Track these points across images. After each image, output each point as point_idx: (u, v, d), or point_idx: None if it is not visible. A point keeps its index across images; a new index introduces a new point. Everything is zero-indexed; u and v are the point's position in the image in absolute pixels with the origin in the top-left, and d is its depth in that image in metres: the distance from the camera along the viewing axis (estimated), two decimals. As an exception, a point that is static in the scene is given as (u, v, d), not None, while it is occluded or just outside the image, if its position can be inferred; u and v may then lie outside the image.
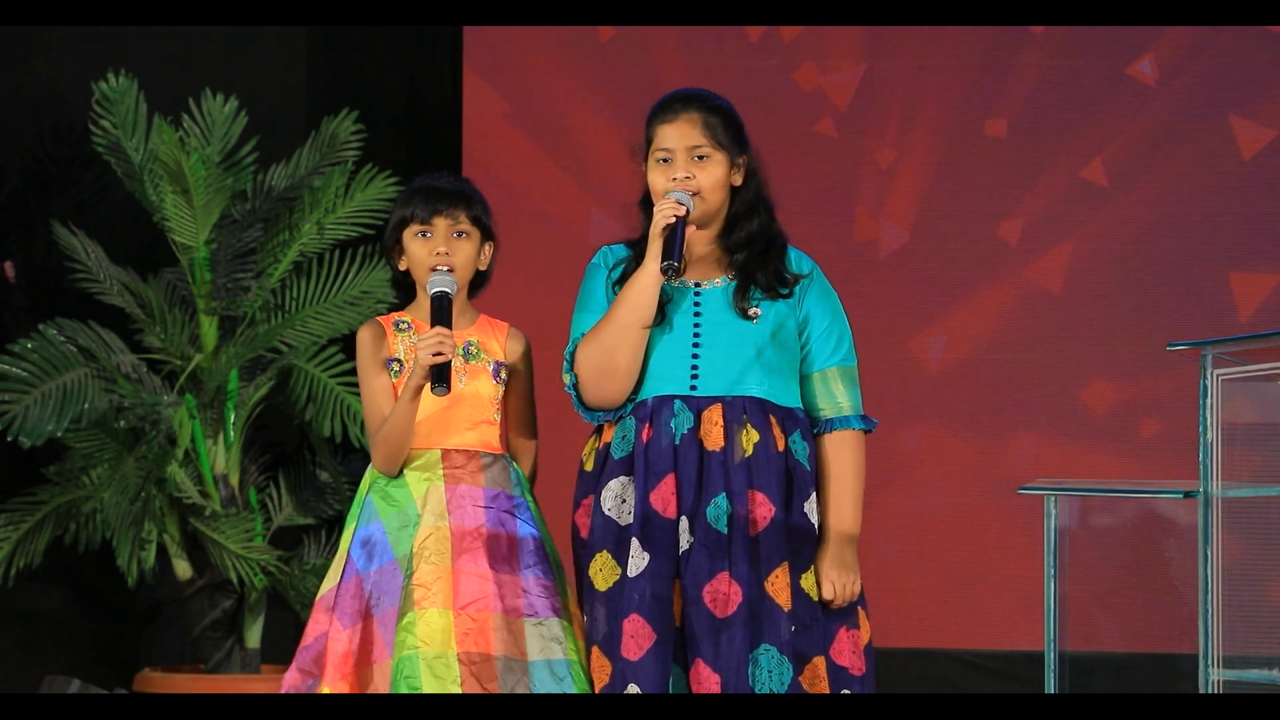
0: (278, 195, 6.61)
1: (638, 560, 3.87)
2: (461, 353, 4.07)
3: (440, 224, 4.08)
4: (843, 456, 4.00)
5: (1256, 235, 6.96)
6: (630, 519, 3.91)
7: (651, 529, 3.88)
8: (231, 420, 6.54)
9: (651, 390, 3.96)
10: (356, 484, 6.64)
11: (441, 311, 3.99)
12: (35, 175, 6.96)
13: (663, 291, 3.95)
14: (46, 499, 6.42)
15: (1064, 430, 6.97)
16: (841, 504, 3.98)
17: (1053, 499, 5.37)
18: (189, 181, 6.28)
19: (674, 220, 3.91)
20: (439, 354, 3.92)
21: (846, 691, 3.93)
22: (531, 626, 3.94)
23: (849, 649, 3.96)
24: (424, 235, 4.09)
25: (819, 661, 3.90)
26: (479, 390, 4.07)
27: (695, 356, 3.96)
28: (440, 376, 3.92)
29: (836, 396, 4.02)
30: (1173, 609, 6.13)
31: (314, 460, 6.82)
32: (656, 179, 4.02)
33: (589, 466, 4.03)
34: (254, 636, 6.57)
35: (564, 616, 3.98)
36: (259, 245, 6.60)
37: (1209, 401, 4.56)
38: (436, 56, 7.36)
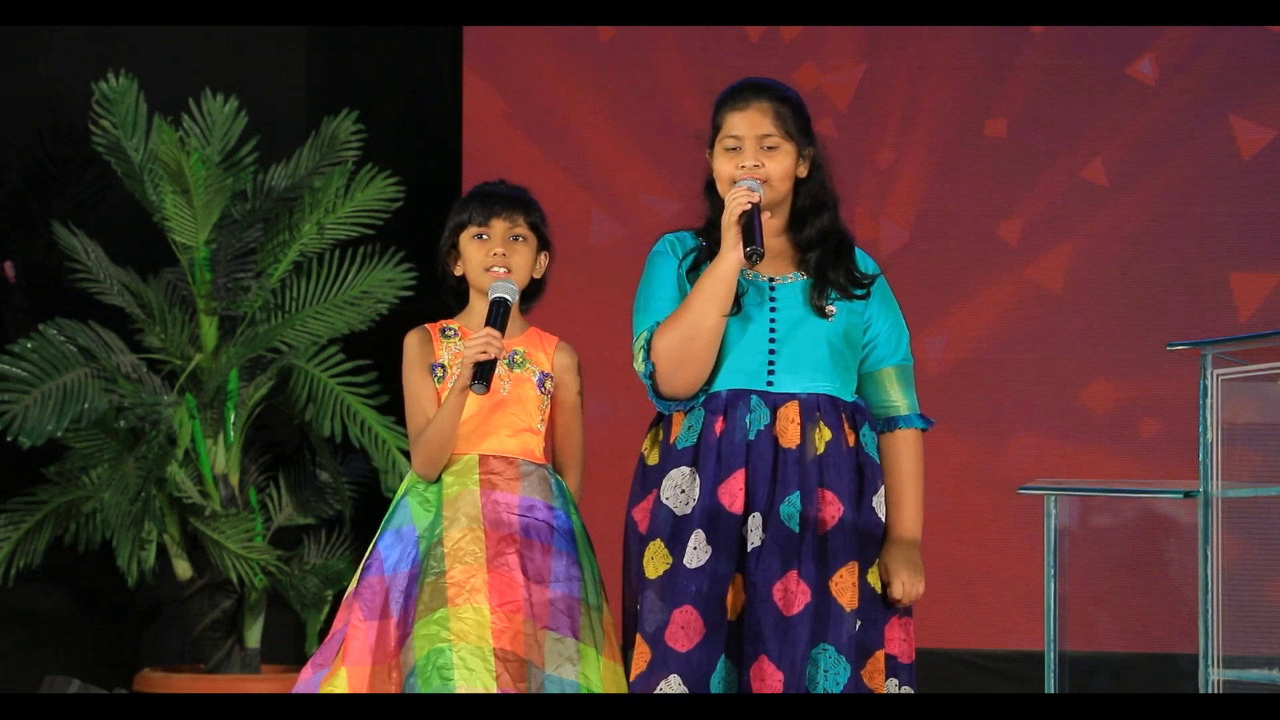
0: (278, 195, 6.61)
1: (700, 553, 3.86)
2: (507, 361, 4.06)
3: (498, 226, 4.09)
4: (907, 456, 4.04)
5: (1256, 235, 6.96)
6: (688, 510, 3.89)
7: (717, 523, 3.87)
8: (231, 420, 6.54)
9: (726, 383, 3.95)
10: (357, 484, 6.73)
11: (498, 316, 3.98)
12: (35, 175, 6.96)
13: (738, 284, 3.94)
14: (46, 499, 6.42)
15: (1064, 430, 6.97)
16: (907, 503, 4.03)
17: (1053, 499, 5.37)
18: (189, 181, 6.28)
19: (749, 207, 3.89)
20: (484, 353, 3.92)
21: (894, 680, 3.96)
22: (552, 641, 3.94)
23: (900, 636, 4.00)
24: (481, 238, 4.09)
25: (879, 655, 3.93)
26: (523, 398, 4.06)
27: (772, 352, 3.95)
28: (482, 375, 3.91)
29: (896, 396, 4.06)
30: (1173, 609, 6.13)
31: (314, 460, 6.82)
32: (724, 166, 4.00)
33: (652, 460, 4.01)
34: (254, 636, 6.57)
35: (584, 638, 3.97)
36: (259, 245, 6.60)
37: (1209, 401, 4.56)
38: (436, 56, 7.36)
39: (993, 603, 6.92)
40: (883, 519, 3.99)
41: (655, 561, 3.90)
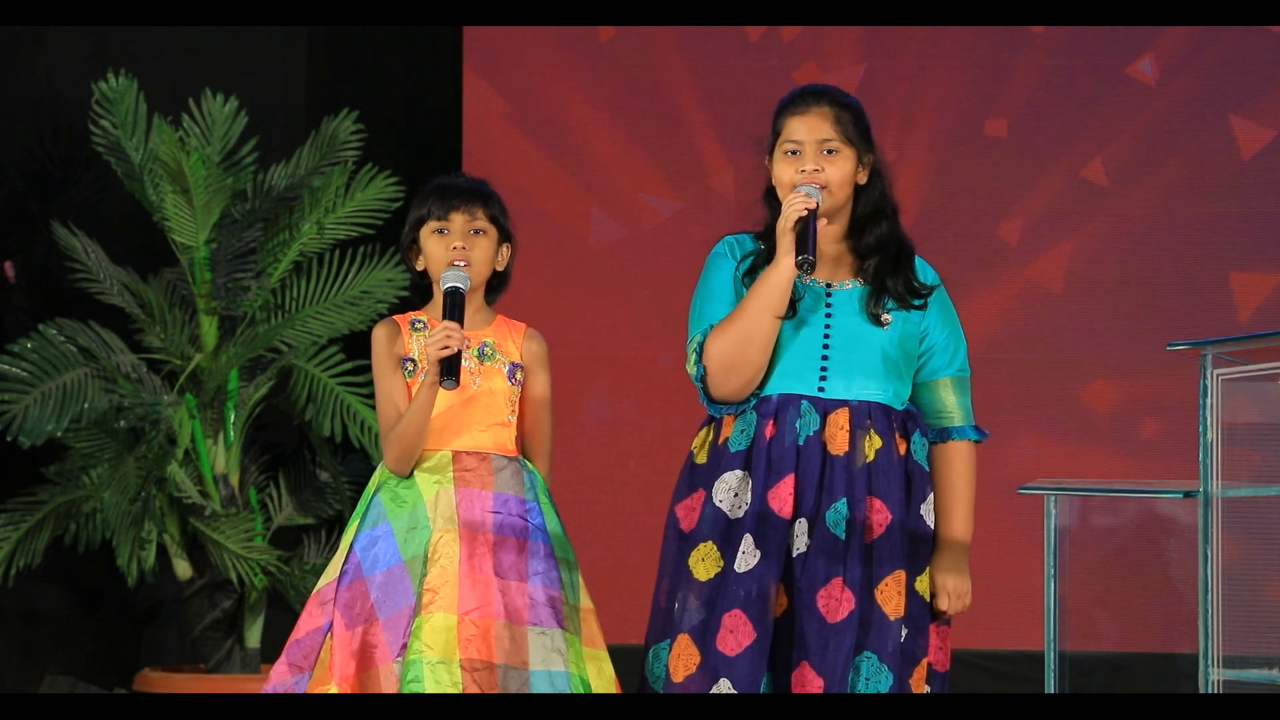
0: (278, 195, 6.61)
1: (749, 557, 3.85)
2: (476, 354, 4.04)
3: (457, 220, 4.06)
4: (957, 467, 4.02)
5: (1256, 235, 6.96)
6: (741, 513, 3.89)
7: (766, 528, 3.86)
8: (231, 420, 6.54)
9: (777, 387, 3.93)
10: (356, 484, 6.72)
11: (453, 307, 3.97)
12: (35, 175, 6.96)
13: (795, 289, 3.92)
14: (46, 499, 6.42)
15: (1064, 430, 6.97)
16: (957, 514, 4.00)
17: (1053, 499, 5.37)
18: (189, 181, 6.29)
19: (805, 214, 3.88)
20: (446, 348, 3.91)
21: (929, 688, 3.95)
22: (535, 635, 3.91)
23: (936, 644, 3.99)
24: (441, 232, 4.06)
25: (925, 662, 3.93)
26: (493, 391, 4.04)
27: (825, 358, 3.94)
28: (449, 370, 3.91)
29: (951, 406, 4.04)
30: (1173, 609, 6.13)
31: (314, 460, 6.81)
32: (783, 171, 3.98)
33: (701, 459, 3.99)
34: (254, 636, 6.57)
35: (568, 628, 3.95)
36: (259, 245, 6.60)
37: (1209, 401, 4.56)
38: (436, 56, 7.36)
39: (993, 603, 6.89)
40: (931, 526, 3.97)
41: (706, 563, 3.89)
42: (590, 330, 7.03)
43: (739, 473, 3.91)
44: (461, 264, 4.02)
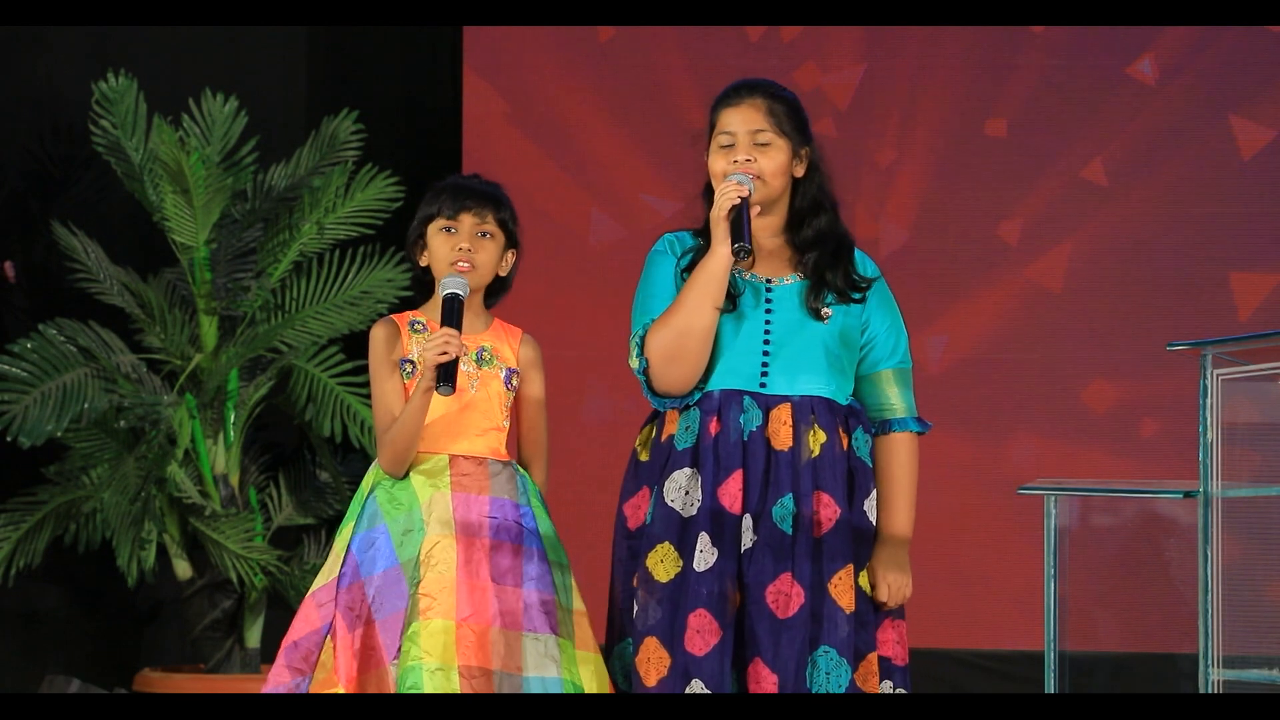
0: (278, 195, 6.61)
1: (706, 555, 3.86)
2: (474, 358, 4.04)
3: (466, 221, 4.06)
4: (899, 459, 4.03)
5: (1256, 235, 6.96)
6: (693, 511, 3.89)
7: (720, 525, 3.87)
8: (231, 420, 6.54)
9: (719, 383, 3.94)
10: (356, 484, 6.68)
11: (452, 313, 3.97)
12: (35, 175, 6.96)
13: (734, 284, 3.94)
14: (46, 499, 6.42)
15: (1064, 430, 6.97)
16: (897, 506, 4.01)
17: (1053, 499, 5.37)
18: (189, 181, 6.29)
19: (738, 201, 3.89)
20: (444, 354, 3.91)
21: (889, 682, 3.95)
22: (530, 642, 3.92)
23: (894, 639, 3.99)
24: (449, 231, 4.06)
25: (872, 657, 3.92)
26: (490, 396, 4.04)
27: (766, 354, 3.95)
28: (446, 376, 3.91)
29: (893, 398, 4.04)
30: (1173, 609, 6.13)
31: (314, 460, 6.81)
32: (717, 163, 4.01)
33: (644, 457, 4.01)
34: (254, 636, 6.57)
35: (562, 633, 3.95)
36: (259, 245, 6.60)
37: (1209, 401, 4.56)
38: (436, 56, 7.36)
39: (993, 603, 6.92)
40: (874, 522, 3.98)
41: (666, 564, 3.89)
42: (590, 330, 7.03)
43: (688, 470, 3.92)
44: (465, 266, 4.02)
